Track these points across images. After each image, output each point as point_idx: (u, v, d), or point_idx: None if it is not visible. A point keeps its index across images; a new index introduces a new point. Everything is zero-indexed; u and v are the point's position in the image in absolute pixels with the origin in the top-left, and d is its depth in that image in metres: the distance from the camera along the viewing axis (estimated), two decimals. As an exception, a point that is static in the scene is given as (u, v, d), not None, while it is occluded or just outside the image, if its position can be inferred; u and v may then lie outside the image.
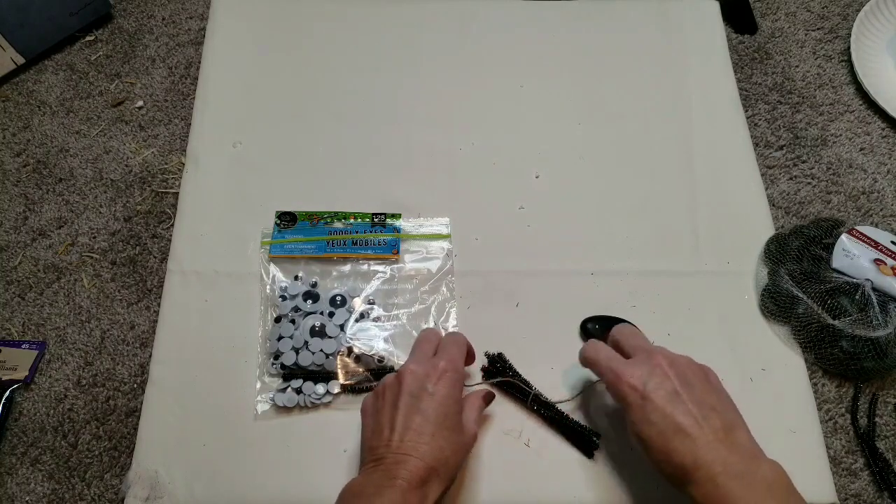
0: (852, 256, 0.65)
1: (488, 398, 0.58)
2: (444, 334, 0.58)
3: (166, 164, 0.75)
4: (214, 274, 0.67)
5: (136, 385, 0.63)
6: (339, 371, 0.62)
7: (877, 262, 0.65)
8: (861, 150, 0.78)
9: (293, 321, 0.63)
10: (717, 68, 0.82)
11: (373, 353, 0.63)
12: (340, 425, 0.60)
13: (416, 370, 0.51)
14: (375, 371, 0.62)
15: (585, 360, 0.56)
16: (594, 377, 0.57)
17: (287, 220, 0.69)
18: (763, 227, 0.71)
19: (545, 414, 0.60)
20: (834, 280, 0.65)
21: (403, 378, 0.51)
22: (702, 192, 0.73)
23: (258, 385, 0.62)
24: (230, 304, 0.65)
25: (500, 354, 0.62)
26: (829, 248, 0.67)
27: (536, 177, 0.74)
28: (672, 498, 0.58)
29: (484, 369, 0.62)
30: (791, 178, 0.76)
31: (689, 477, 0.46)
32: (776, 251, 0.68)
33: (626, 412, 0.51)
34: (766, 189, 0.75)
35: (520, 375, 0.61)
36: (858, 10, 0.84)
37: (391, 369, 0.62)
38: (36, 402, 0.62)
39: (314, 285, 0.66)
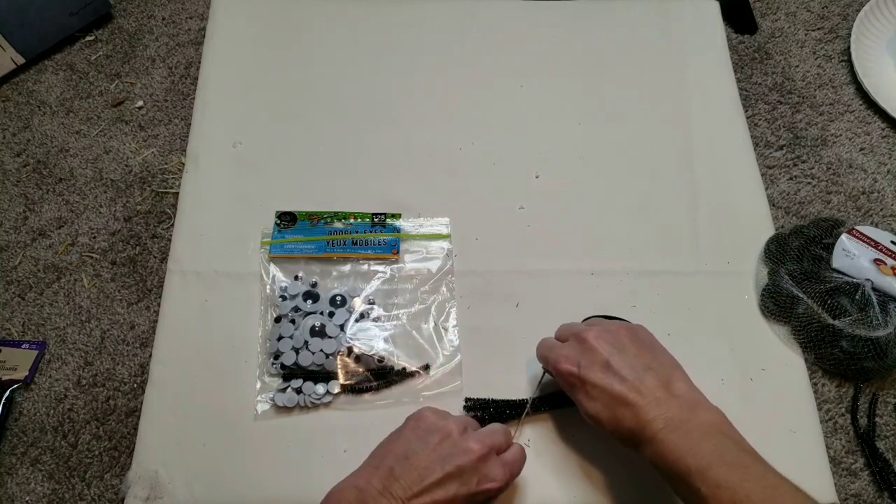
0: (852, 256, 0.65)
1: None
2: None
3: (166, 164, 0.75)
4: (214, 274, 0.67)
5: (136, 385, 0.63)
6: (339, 371, 0.62)
7: (877, 262, 0.65)
8: (861, 150, 0.78)
9: (293, 321, 0.63)
10: (717, 68, 0.82)
11: (373, 353, 0.63)
12: (340, 425, 0.60)
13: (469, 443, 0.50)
14: (375, 371, 0.62)
15: (538, 355, 0.58)
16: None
17: (287, 220, 0.69)
18: (763, 227, 0.71)
19: (550, 403, 0.61)
20: (834, 280, 0.65)
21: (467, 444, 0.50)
22: (702, 192, 0.73)
23: (258, 385, 0.62)
24: (230, 304, 0.65)
25: (477, 402, 0.61)
26: (830, 248, 0.67)
27: (536, 177, 0.74)
28: (673, 498, 0.58)
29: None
30: (791, 178, 0.76)
31: (637, 439, 0.48)
32: (776, 251, 0.68)
33: (571, 394, 0.53)
34: (766, 189, 0.75)
35: (501, 402, 0.61)
36: (858, 10, 0.84)
37: (391, 369, 0.62)
38: (36, 402, 0.62)
39: (314, 285, 0.66)
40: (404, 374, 0.62)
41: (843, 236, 0.67)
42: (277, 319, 0.64)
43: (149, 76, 0.80)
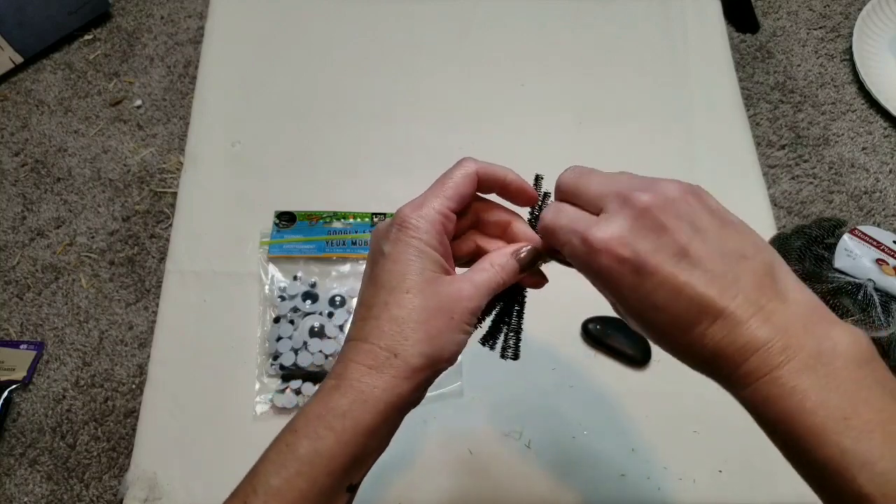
0: (854, 256, 0.65)
1: (526, 256, 0.38)
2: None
3: (165, 163, 0.75)
4: (213, 274, 0.67)
5: (134, 386, 0.63)
6: (339, 372, 0.61)
7: (879, 262, 0.65)
8: (863, 149, 0.78)
9: (292, 322, 0.63)
10: (719, 67, 0.81)
11: (372, 353, 0.62)
12: (340, 426, 0.60)
13: (378, 227, 0.38)
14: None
15: (544, 231, 0.37)
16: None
17: (286, 219, 0.69)
18: (765, 227, 0.71)
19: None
20: (836, 280, 0.64)
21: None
22: (703, 192, 0.73)
23: (257, 386, 0.61)
24: (229, 304, 0.65)
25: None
26: (832, 248, 0.67)
27: (537, 176, 0.73)
28: (673, 498, 0.57)
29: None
30: (793, 178, 0.76)
31: (731, 371, 0.31)
32: (778, 251, 0.67)
33: (613, 297, 0.34)
34: (768, 188, 0.74)
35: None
36: (860, 9, 0.84)
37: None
38: (34, 403, 0.62)
39: (313, 285, 0.66)
40: (404, 375, 0.62)
41: (846, 236, 0.66)
42: (276, 320, 0.64)
43: (147, 75, 0.80)
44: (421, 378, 0.34)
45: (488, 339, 0.42)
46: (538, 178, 0.43)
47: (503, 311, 0.42)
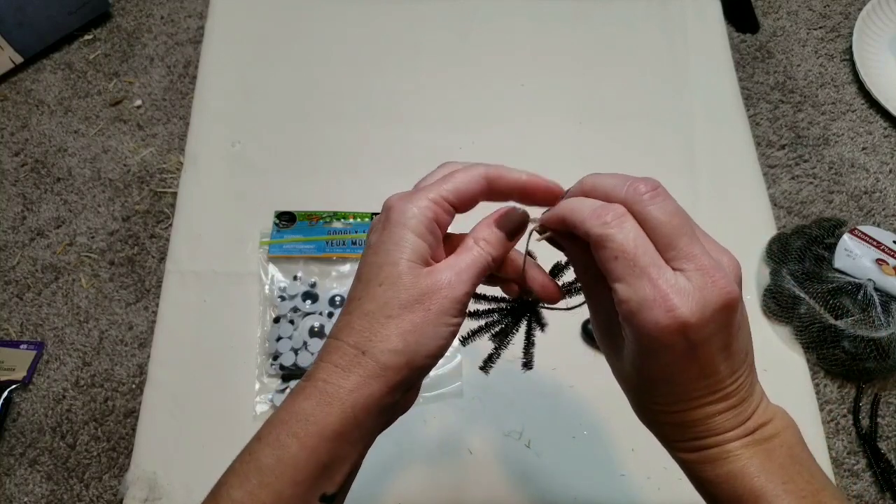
0: (854, 256, 0.65)
1: (508, 221, 0.36)
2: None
3: (165, 163, 0.75)
4: (213, 274, 0.67)
5: (134, 386, 0.63)
6: (339, 372, 0.61)
7: (879, 262, 0.65)
8: (863, 149, 0.78)
9: (292, 321, 0.63)
10: (719, 67, 0.81)
11: (372, 353, 0.62)
12: (340, 426, 0.60)
13: (374, 220, 0.37)
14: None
15: (582, 229, 0.32)
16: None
17: (286, 219, 0.69)
18: (765, 227, 0.71)
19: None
20: (836, 280, 0.64)
21: None
22: (703, 192, 0.73)
23: (257, 386, 0.61)
24: (229, 304, 0.65)
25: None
26: (832, 248, 0.67)
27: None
28: (673, 498, 0.57)
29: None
30: (793, 178, 0.76)
31: (688, 442, 0.33)
32: (778, 251, 0.68)
33: (633, 344, 0.32)
34: (768, 188, 0.74)
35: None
36: (860, 9, 0.84)
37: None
38: (34, 403, 0.62)
39: (313, 285, 0.66)
40: (404, 375, 0.62)
41: (846, 236, 0.66)
42: (276, 320, 0.64)
43: (147, 75, 0.80)
44: (395, 378, 0.31)
45: (487, 363, 0.40)
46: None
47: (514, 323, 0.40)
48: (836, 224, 0.69)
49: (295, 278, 0.66)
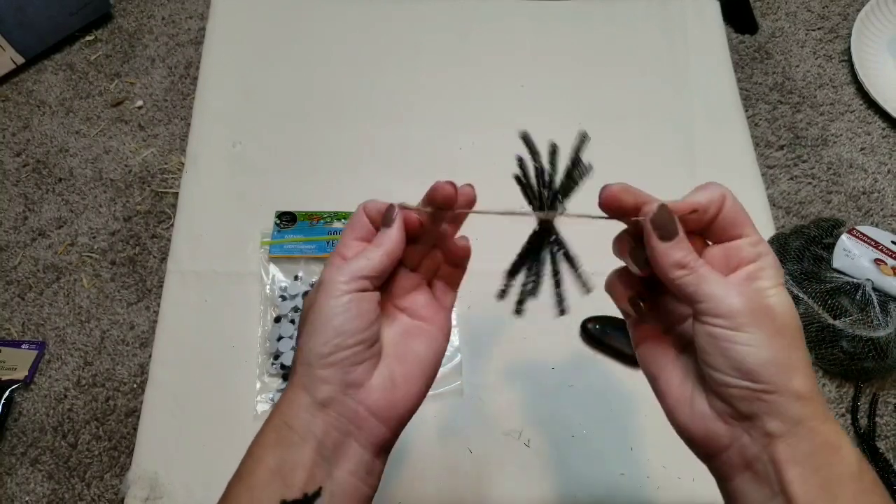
0: (853, 256, 0.65)
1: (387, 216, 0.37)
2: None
3: (166, 163, 0.75)
4: (214, 274, 0.67)
5: (135, 385, 0.63)
6: (339, 371, 0.62)
7: (877, 262, 0.65)
8: (861, 149, 0.78)
9: (293, 321, 0.63)
10: (718, 68, 0.82)
11: (373, 353, 0.62)
12: (340, 425, 0.60)
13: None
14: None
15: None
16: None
17: (287, 219, 0.69)
18: (764, 227, 0.71)
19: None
20: (834, 280, 0.65)
21: None
22: (702, 192, 0.73)
23: (258, 385, 0.62)
24: (230, 304, 0.65)
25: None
26: (830, 248, 0.67)
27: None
28: (673, 498, 0.58)
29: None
30: (791, 178, 0.76)
31: (756, 433, 0.31)
32: (777, 251, 0.68)
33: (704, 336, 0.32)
34: (767, 189, 0.75)
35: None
36: (859, 10, 0.84)
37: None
38: (35, 403, 0.62)
39: (314, 285, 0.66)
40: (404, 375, 0.62)
41: (844, 236, 0.67)
42: (277, 319, 0.64)
43: (148, 76, 0.80)
44: (298, 378, 0.34)
45: (518, 306, 0.41)
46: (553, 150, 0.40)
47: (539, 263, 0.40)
48: (834, 224, 0.70)
49: (296, 278, 0.66)
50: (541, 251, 0.40)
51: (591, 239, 0.37)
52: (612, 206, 0.36)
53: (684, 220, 0.35)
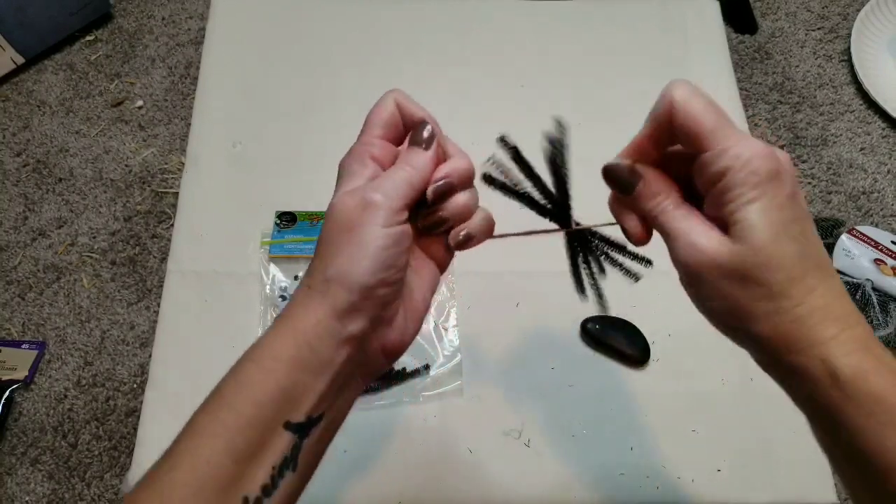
0: (852, 256, 0.65)
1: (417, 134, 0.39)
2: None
3: (166, 163, 0.75)
4: (214, 274, 0.67)
5: (135, 385, 0.63)
6: (339, 371, 0.62)
7: (877, 262, 0.65)
8: (861, 149, 0.78)
9: (293, 321, 0.63)
10: (718, 68, 0.82)
11: (373, 353, 0.62)
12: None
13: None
14: (375, 371, 0.62)
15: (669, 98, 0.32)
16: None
17: (287, 220, 0.69)
18: (763, 227, 0.71)
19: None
20: (834, 280, 0.65)
21: None
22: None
23: (258, 385, 0.62)
24: (230, 304, 0.65)
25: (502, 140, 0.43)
26: (830, 249, 0.67)
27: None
28: (672, 498, 0.58)
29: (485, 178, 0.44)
30: (791, 178, 0.76)
31: (782, 353, 0.32)
32: (776, 251, 0.68)
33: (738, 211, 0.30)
34: (767, 189, 0.75)
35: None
36: (859, 10, 0.84)
37: (391, 369, 0.62)
38: (36, 403, 0.62)
39: (314, 285, 0.66)
40: (404, 375, 0.62)
41: (844, 236, 0.67)
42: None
43: (149, 76, 0.80)
44: (338, 302, 0.32)
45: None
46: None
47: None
48: (834, 224, 0.70)
49: (296, 278, 0.66)
50: (583, 253, 0.44)
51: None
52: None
53: (649, 157, 0.37)
